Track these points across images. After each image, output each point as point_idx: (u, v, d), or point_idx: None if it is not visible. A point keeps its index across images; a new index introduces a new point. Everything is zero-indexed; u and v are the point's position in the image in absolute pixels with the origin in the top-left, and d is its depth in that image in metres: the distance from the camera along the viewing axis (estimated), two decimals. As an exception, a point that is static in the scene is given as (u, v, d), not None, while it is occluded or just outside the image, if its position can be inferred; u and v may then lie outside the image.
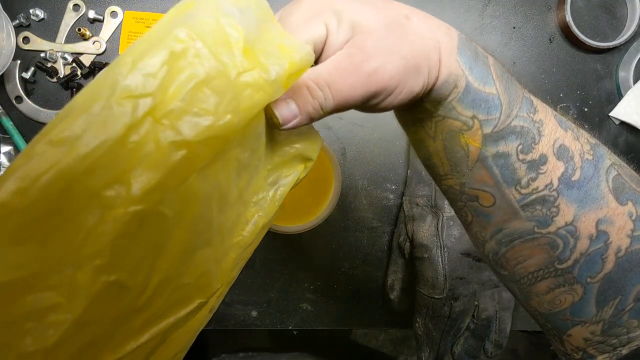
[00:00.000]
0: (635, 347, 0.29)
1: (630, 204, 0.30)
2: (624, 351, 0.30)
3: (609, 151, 0.31)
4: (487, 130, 0.29)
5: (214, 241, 0.26)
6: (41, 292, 0.20)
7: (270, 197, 0.30)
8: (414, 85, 0.27)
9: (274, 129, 0.28)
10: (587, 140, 0.31)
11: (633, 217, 0.29)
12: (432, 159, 0.33)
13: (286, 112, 0.26)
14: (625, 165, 0.32)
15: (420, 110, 0.30)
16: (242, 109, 0.22)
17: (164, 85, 0.20)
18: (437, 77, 0.28)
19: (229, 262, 0.29)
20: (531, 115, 0.29)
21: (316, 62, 0.28)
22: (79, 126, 0.19)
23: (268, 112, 0.26)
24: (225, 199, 0.26)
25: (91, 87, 0.20)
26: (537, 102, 0.30)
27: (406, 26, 0.27)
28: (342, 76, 0.26)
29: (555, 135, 0.30)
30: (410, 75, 0.27)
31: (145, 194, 0.20)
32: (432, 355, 0.58)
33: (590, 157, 0.30)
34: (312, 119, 0.27)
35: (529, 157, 0.29)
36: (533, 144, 0.29)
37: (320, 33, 0.27)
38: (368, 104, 0.28)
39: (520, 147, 0.29)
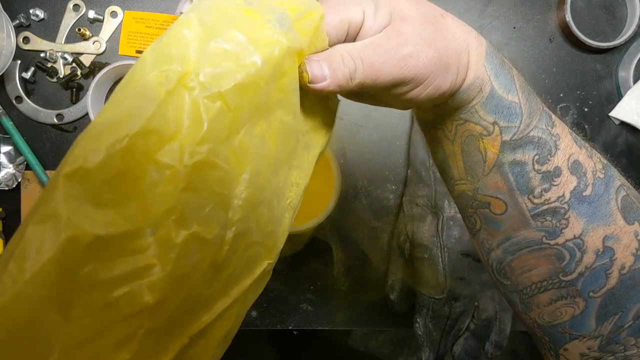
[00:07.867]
0: None
1: (637, 223, 0.30)
2: None
3: (619, 173, 0.32)
4: (507, 137, 0.30)
5: (272, 203, 0.28)
6: (132, 255, 0.22)
7: (305, 159, 0.32)
8: (442, 83, 0.28)
9: (304, 98, 0.29)
10: (600, 159, 0.31)
11: (639, 237, 0.30)
12: (448, 162, 0.33)
13: (317, 70, 0.26)
14: (633, 187, 0.32)
15: (443, 111, 0.31)
16: (260, 54, 0.24)
17: (185, 56, 0.23)
18: (465, 79, 0.29)
19: (286, 224, 0.30)
20: (549, 128, 0.30)
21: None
22: (124, 100, 0.22)
23: (299, 68, 0.27)
24: (275, 161, 0.28)
25: (127, 76, 0.23)
26: (555, 117, 0.31)
27: (442, 23, 0.28)
28: (376, 51, 0.26)
29: (571, 150, 0.30)
30: (441, 70, 0.27)
31: (196, 145, 0.23)
32: (432, 356, 0.58)
33: (601, 176, 0.31)
34: (340, 87, 0.27)
35: (544, 168, 0.30)
36: (549, 156, 0.30)
37: (357, 17, 0.27)
38: (395, 91, 0.28)
39: (537, 157, 0.30)
